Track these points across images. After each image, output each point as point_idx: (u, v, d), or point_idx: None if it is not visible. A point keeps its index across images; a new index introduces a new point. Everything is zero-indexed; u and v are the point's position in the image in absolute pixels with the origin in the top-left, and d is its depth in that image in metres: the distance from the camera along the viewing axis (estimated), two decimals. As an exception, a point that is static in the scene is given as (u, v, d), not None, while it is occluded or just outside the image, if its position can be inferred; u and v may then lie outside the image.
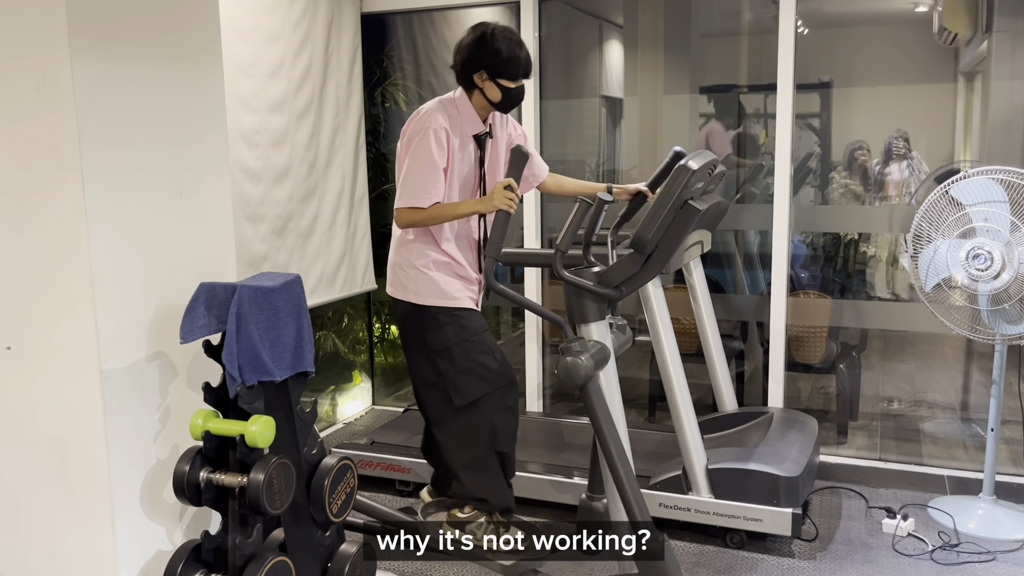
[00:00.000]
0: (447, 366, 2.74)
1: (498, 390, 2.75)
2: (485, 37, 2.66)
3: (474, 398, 2.74)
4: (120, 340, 2.09)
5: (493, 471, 2.80)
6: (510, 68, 2.65)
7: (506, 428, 2.78)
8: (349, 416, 4.60)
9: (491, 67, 2.65)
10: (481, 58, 2.66)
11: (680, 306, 3.81)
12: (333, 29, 4.09)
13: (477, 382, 2.73)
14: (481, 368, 2.72)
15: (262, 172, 3.64)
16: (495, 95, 2.70)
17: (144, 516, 2.19)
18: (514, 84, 2.69)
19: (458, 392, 2.74)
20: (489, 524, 2.83)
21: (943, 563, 2.97)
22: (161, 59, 2.19)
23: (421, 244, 2.76)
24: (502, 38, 2.65)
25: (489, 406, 2.75)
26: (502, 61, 2.64)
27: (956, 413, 4.25)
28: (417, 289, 2.75)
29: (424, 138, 2.62)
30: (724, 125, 4.39)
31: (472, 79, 2.70)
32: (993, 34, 3.99)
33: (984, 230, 3.03)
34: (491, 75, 2.67)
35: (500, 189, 2.53)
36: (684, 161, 2.46)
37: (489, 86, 2.69)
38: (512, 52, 2.65)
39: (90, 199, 2.00)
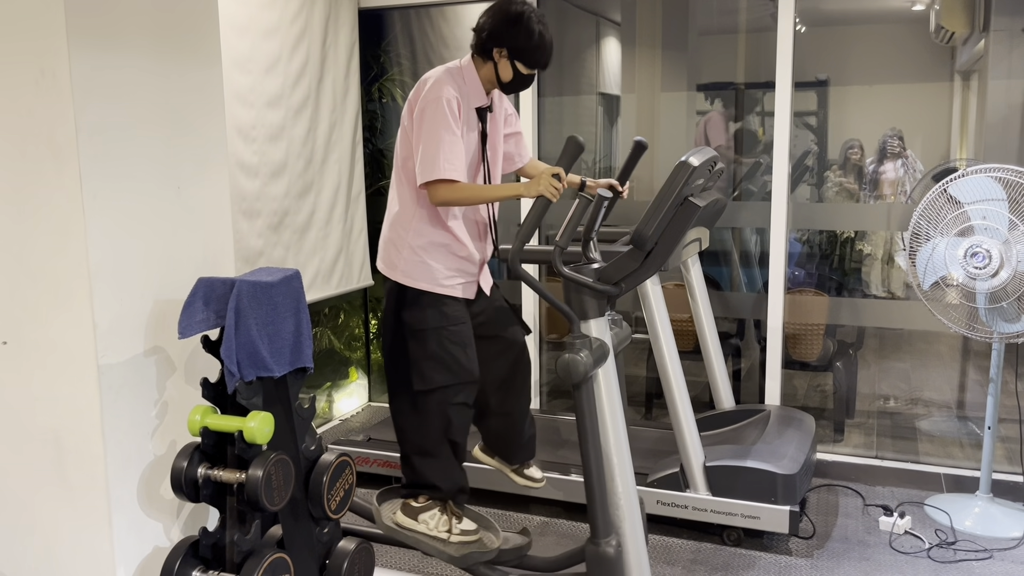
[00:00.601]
0: (417, 348, 2.68)
1: (460, 384, 2.70)
2: (522, 16, 2.56)
3: (434, 386, 2.68)
4: (117, 335, 2.07)
5: (445, 455, 2.77)
6: (534, 55, 2.59)
7: (460, 421, 2.76)
8: (345, 413, 4.59)
9: (516, 48, 2.58)
10: (510, 35, 2.57)
11: (677, 304, 3.81)
12: (330, 24, 4.07)
13: (442, 371, 2.67)
14: (450, 359, 2.67)
15: (258, 167, 3.62)
16: (507, 75, 2.63)
17: (141, 512, 2.17)
18: (528, 71, 2.63)
19: (420, 376, 2.68)
20: (443, 514, 2.81)
21: (940, 561, 2.98)
22: (159, 52, 2.17)
23: (422, 223, 2.66)
24: (537, 22, 2.58)
25: (447, 398, 2.71)
26: (531, 46, 2.57)
27: (952, 411, 4.26)
28: (407, 270, 2.67)
29: (438, 107, 2.53)
30: (724, 115, 4.38)
31: (491, 51, 2.61)
32: (990, 33, 4.00)
33: (982, 228, 3.03)
34: (512, 55, 2.59)
35: (548, 176, 2.44)
36: (685, 157, 2.45)
37: (504, 64, 2.61)
38: (542, 40, 2.58)
39: (87, 192, 1.98)
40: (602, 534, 2.48)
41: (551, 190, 2.44)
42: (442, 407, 2.71)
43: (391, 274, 2.72)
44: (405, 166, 2.66)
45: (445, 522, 2.78)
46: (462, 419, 2.76)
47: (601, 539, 2.48)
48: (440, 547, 2.73)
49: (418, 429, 2.76)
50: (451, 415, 2.73)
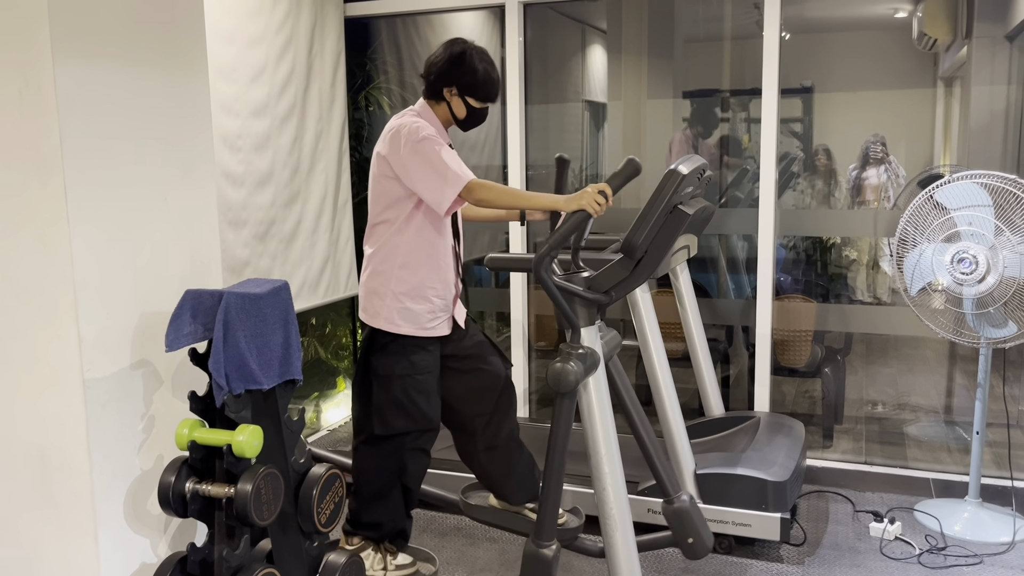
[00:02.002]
0: (381, 393, 2.76)
1: (419, 431, 2.78)
2: (464, 55, 2.71)
3: (394, 432, 2.76)
4: (103, 348, 2.04)
5: (394, 499, 2.86)
6: (482, 89, 2.72)
7: (415, 467, 2.85)
8: (333, 423, 4.56)
9: (464, 85, 2.71)
10: (456, 74, 2.70)
11: (666, 311, 3.81)
12: (316, 33, 4.06)
13: (402, 418, 2.74)
14: (412, 406, 2.74)
15: (244, 177, 3.60)
16: (461, 111, 2.75)
17: (128, 528, 2.14)
18: (480, 105, 2.76)
19: (382, 421, 2.76)
20: (376, 552, 2.88)
21: (930, 567, 2.98)
22: (145, 62, 2.15)
23: (404, 270, 2.72)
24: (480, 59, 2.71)
25: (405, 443, 2.79)
26: (478, 81, 2.70)
27: (940, 416, 4.28)
28: (390, 317, 2.73)
29: (425, 140, 2.59)
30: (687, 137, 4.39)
31: (442, 91, 2.74)
32: (973, 40, 4.04)
33: (969, 234, 3.05)
34: (461, 92, 2.72)
35: (594, 191, 2.44)
36: (674, 165, 2.45)
37: (457, 102, 2.74)
38: (487, 74, 2.71)
39: (72, 204, 1.95)
40: (545, 537, 2.49)
41: (594, 206, 2.44)
42: (399, 452, 2.80)
43: (374, 322, 2.78)
44: (383, 214, 2.73)
45: (380, 560, 2.88)
46: (417, 465, 2.86)
47: (543, 541, 2.49)
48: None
49: (374, 470, 2.83)
50: (407, 460, 2.82)
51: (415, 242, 2.71)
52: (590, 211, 2.44)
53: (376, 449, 2.81)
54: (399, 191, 2.67)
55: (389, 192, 2.70)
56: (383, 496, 2.84)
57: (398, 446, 2.79)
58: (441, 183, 2.56)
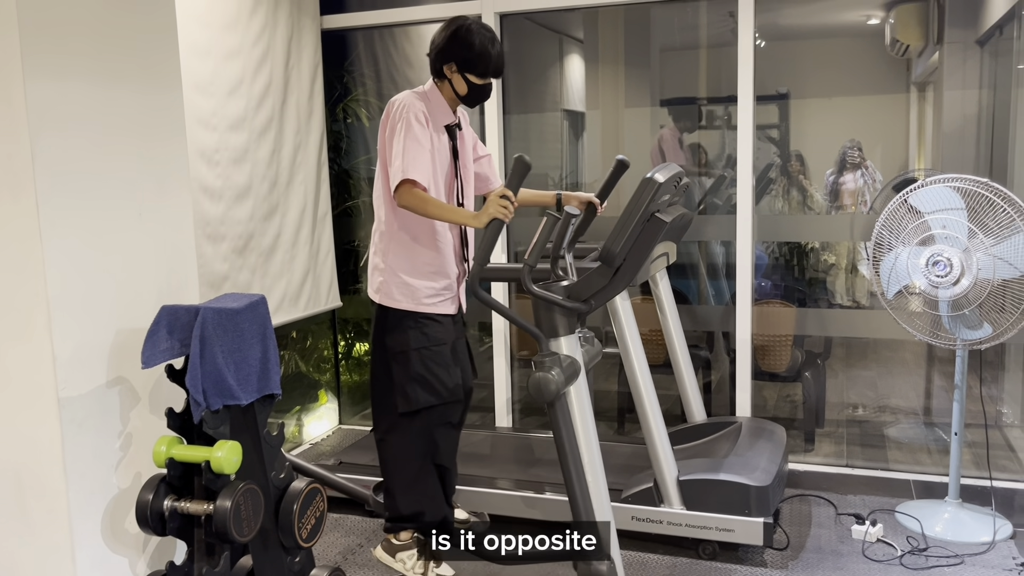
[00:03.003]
0: (400, 371, 2.74)
1: (444, 405, 2.76)
2: (460, 30, 2.70)
3: (418, 407, 2.73)
4: (78, 366, 2.02)
5: (430, 484, 2.80)
6: (480, 63, 2.69)
7: (447, 444, 2.81)
8: (316, 436, 4.53)
9: (462, 60, 2.70)
10: (453, 50, 2.69)
11: (647, 318, 3.82)
12: (293, 45, 4.05)
13: (425, 392, 2.73)
14: (433, 379, 2.73)
15: (222, 191, 3.58)
16: (462, 88, 2.74)
17: (106, 547, 2.12)
18: (481, 81, 2.74)
19: (404, 398, 2.73)
20: (420, 557, 2.82)
21: (912, 568, 3.00)
22: (117, 76, 2.14)
23: (403, 245, 2.74)
24: (476, 33, 2.69)
25: (432, 419, 2.75)
26: (474, 55, 2.68)
27: (919, 418, 4.31)
28: (389, 292, 2.75)
29: (407, 122, 2.63)
30: (674, 132, 4.42)
31: (442, 69, 2.74)
32: (944, 45, 4.09)
33: (943, 237, 3.08)
34: (460, 68, 2.71)
35: (495, 198, 2.50)
36: (651, 174, 2.46)
37: (457, 79, 2.73)
38: (484, 48, 2.69)
39: (45, 220, 1.94)
40: (596, 555, 2.45)
41: (501, 211, 2.50)
42: (428, 430, 2.75)
43: (376, 297, 2.79)
44: (385, 191, 2.74)
45: (422, 565, 2.79)
46: (448, 441, 2.81)
47: (593, 560, 2.45)
48: None
49: (403, 455, 2.78)
50: (437, 437, 2.77)
51: (414, 223, 2.73)
52: (500, 218, 2.48)
53: (403, 433, 2.75)
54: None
55: (386, 166, 2.72)
56: (419, 481, 2.77)
57: (426, 424, 2.74)
58: (396, 164, 2.61)
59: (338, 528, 3.51)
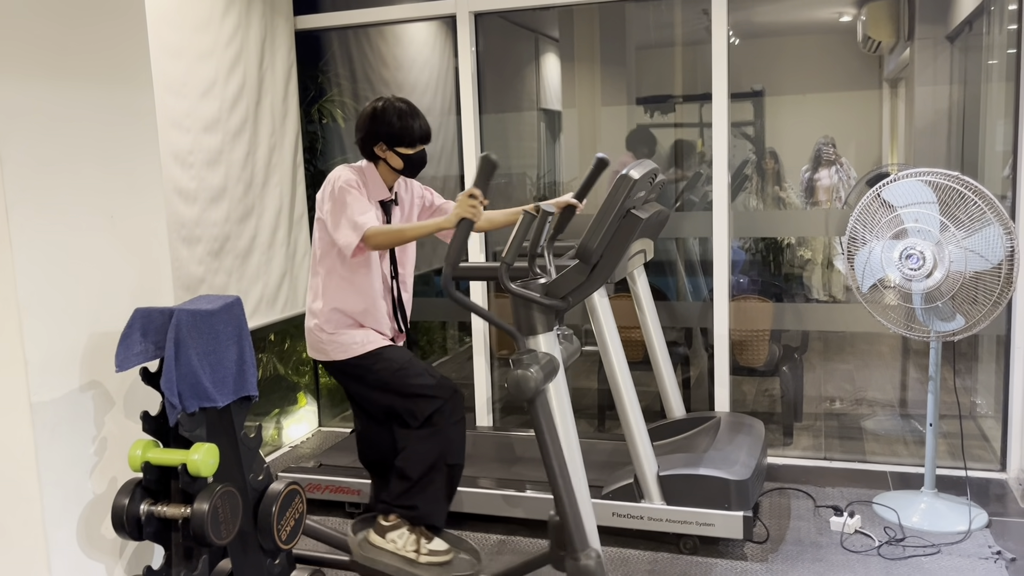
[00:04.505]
0: (393, 398, 2.86)
1: (446, 404, 2.85)
2: (376, 112, 2.79)
3: (427, 415, 2.83)
4: (50, 371, 2.00)
5: (438, 485, 2.87)
6: (406, 135, 2.78)
7: (459, 440, 2.89)
8: (295, 439, 4.50)
9: (387, 137, 2.78)
10: (377, 131, 2.78)
11: (625, 315, 3.83)
12: (267, 46, 4.03)
13: (424, 401, 2.83)
14: (422, 388, 2.83)
15: (197, 193, 3.55)
16: (397, 163, 2.83)
17: (81, 554, 2.09)
18: (413, 150, 2.82)
19: (411, 415, 2.84)
20: (411, 534, 2.88)
21: (890, 558, 3.03)
22: (87, 78, 2.11)
23: (337, 305, 2.84)
24: (393, 110, 2.78)
25: (442, 421, 2.84)
26: (396, 131, 2.77)
27: (895, 410, 4.36)
28: (339, 346, 2.85)
29: (344, 191, 2.72)
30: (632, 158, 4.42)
31: (373, 151, 2.83)
32: (915, 41, 4.14)
33: (915, 231, 3.11)
34: (389, 144, 2.79)
35: (464, 198, 2.54)
36: (625, 171, 2.47)
37: (390, 155, 2.82)
38: (404, 122, 2.77)
39: (14, 224, 1.91)
40: (580, 547, 2.46)
41: (470, 211, 2.53)
42: (440, 430, 2.85)
43: (325, 357, 2.90)
44: (322, 259, 2.86)
45: (414, 542, 2.85)
46: (459, 434, 2.90)
47: (580, 552, 2.46)
48: (408, 568, 2.75)
49: (422, 459, 2.86)
50: (451, 435, 2.86)
51: (344, 286, 2.83)
52: (469, 217, 2.52)
53: (420, 437, 2.84)
54: (328, 235, 2.79)
55: (323, 238, 2.83)
56: (430, 482, 2.85)
57: (437, 424, 2.83)
58: (344, 228, 2.69)
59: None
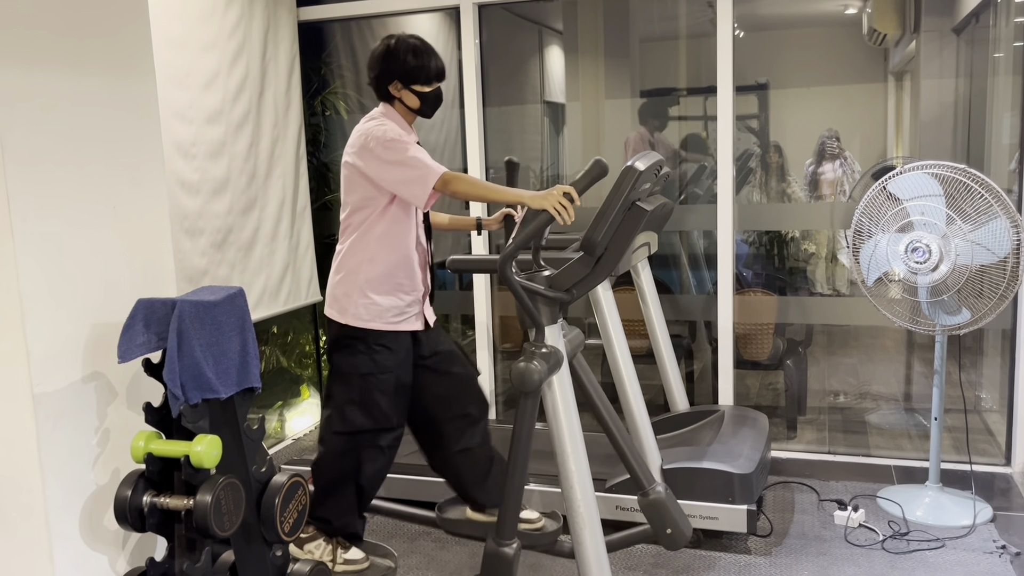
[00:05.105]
0: (343, 391, 2.75)
1: (377, 429, 2.75)
2: (389, 48, 2.68)
3: (352, 429, 2.74)
4: (53, 361, 1.99)
5: (347, 497, 2.81)
6: (422, 72, 2.67)
7: (371, 465, 2.79)
8: (298, 431, 4.50)
9: (403, 75, 2.67)
10: (391, 69, 2.67)
11: (629, 308, 3.82)
12: (270, 37, 4.01)
13: (362, 416, 2.73)
14: (373, 406, 2.73)
15: (200, 184, 3.54)
16: (413, 102, 2.72)
17: (84, 545, 2.09)
18: (429, 88, 2.71)
19: (341, 418, 2.75)
20: (327, 543, 2.84)
21: (894, 552, 3.03)
22: (90, 69, 2.10)
23: (372, 264, 2.71)
24: (406, 46, 2.67)
25: (363, 441, 2.76)
26: (412, 69, 2.66)
27: (900, 404, 4.34)
28: (358, 312, 2.71)
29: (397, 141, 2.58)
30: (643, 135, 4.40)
31: (388, 91, 2.71)
32: (921, 34, 4.11)
33: (921, 224, 3.10)
34: (405, 83, 2.69)
35: (560, 192, 2.41)
36: (631, 162, 2.46)
37: (406, 94, 2.71)
38: (420, 59, 2.67)
39: (16, 215, 1.90)
40: (506, 536, 2.51)
41: (558, 207, 2.41)
42: (356, 450, 2.76)
43: (342, 318, 2.75)
44: (354, 211, 2.71)
45: (329, 552, 2.84)
46: (374, 465, 2.80)
47: (504, 540, 2.51)
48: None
49: (331, 465, 2.80)
50: (363, 458, 2.77)
51: (382, 239, 2.70)
52: (552, 213, 2.42)
53: (335, 445, 2.77)
54: (369, 191, 2.65)
55: (359, 193, 2.68)
56: (334, 492, 2.79)
57: (356, 444, 2.75)
58: (417, 179, 2.55)
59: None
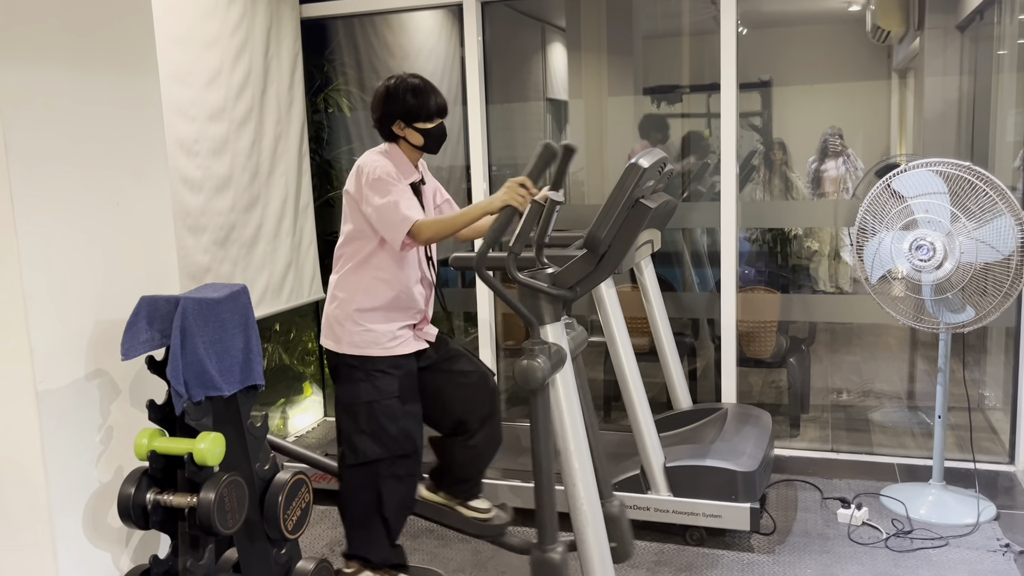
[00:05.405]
0: (349, 423, 2.74)
1: (392, 458, 2.73)
2: (390, 89, 2.72)
3: (366, 460, 2.72)
4: (56, 359, 1.99)
5: (376, 531, 2.79)
6: (422, 111, 2.70)
7: (391, 496, 2.76)
8: (301, 429, 4.50)
9: (404, 114, 2.70)
10: (393, 109, 2.71)
11: (632, 306, 3.82)
12: (272, 35, 4.01)
13: (372, 445, 2.71)
14: (382, 433, 2.71)
15: (202, 181, 3.54)
16: (417, 139, 2.75)
17: (87, 542, 2.09)
18: (431, 124, 2.74)
19: (352, 450, 2.73)
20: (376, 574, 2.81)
21: (897, 550, 3.02)
22: (93, 67, 2.10)
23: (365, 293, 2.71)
24: (406, 86, 2.71)
25: (379, 471, 2.73)
26: (413, 106, 2.69)
27: (903, 402, 4.34)
28: (354, 340, 2.71)
29: (380, 179, 2.63)
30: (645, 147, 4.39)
31: (392, 132, 2.75)
32: (925, 31, 4.10)
33: (926, 221, 3.09)
34: (407, 122, 2.72)
35: (515, 184, 2.45)
36: (635, 159, 2.45)
37: (409, 132, 2.73)
38: (420, 98, 2.70)
39: (19, 213, 1.90)
40: (548, 540, 2.46)
41: (517, 199, 2.45)
42: (373, 481, 2.74)
43: (338, 347, 2.76)
44: (349, 240, 2.75)
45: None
46: (395, 495, 2.76)
47: (547, 545, 2.46)
48: None
49: (352, 500, 2.79)
50: (382, 489, 2.74)
51: (379, 268, 2.72)
52: (515, 205, 2.44)
53: (351, 479, 2.76)
54: (363, 221, 2.69)
55: (355, 223, 2.72)
56: (362, 528, 2.77)
57: (372, 475, 2.72)
58: (391, 225, 2.60)
59: (324, 520, 3.50)
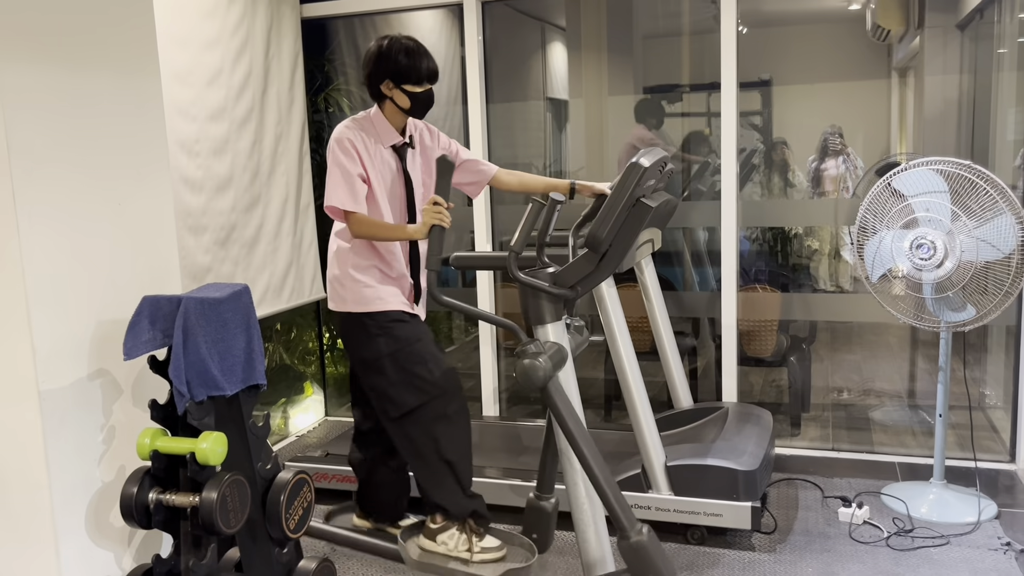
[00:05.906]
0: (380, 379, 2.76)
1: (433, 400, 2.75)
2: (383, 48, 2.73)
3: (408, 408, 2.74)
4: (59, 358, 2.00)
5: (443, 477, 2.80)
6: (412, 72, 2.73)
7: (446, 437, 2.77)
8: (302, 428, 4.51)
9: (394, 74, 2.73)
10: (384, 68, 2.73)
11: (633, 305, 3.82)
12: (273, 34, 4.01)
13: (411, 393, 2.73)
14: (414, 378, 2.73)
15: (203, 182, 3.54)
16: (404, 101, 2.77)
17: (90, 542, 2.09)
18: (420, 88, 2.76)
19: (392, 404, 2.75)
20: (461, 533, 2.82)
21: (899, 549, 3.02)
22: (94, 67, 2.10)
23: (356, 254, 2.79)
24: (399, 46, 2.72)
25: (426, 416, 2.75)
26: (403, 68, 2.72)
27: (904, 401, 4.34)
28: (356, 299, 2.77)
29: (334, 149, 2.72)
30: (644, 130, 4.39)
31: (380, 90, 2.77)
32: (925, 30, 4.10)
33: (926, 220, 3.09)
34: (396, 82, 2.74)
35: (428, 208, 2.57)
36: (636, 159, 2.45)
37: (396, 93, 2.76)
38: (412, 59, 2.73)
39: (22, 213, 1.90)
40: (628, 527, 2.35)
41: (436, 218, 2.56)
42: (425, 426, 2.76)
43: (343, 307, 2.81)
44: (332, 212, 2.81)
45: (464, 541, 2.81)
46: (450, 434, 2.78)
47: (629, 531, 2.36)
48: (464, 568, 2.76)
49: (410, 451, 2.81)
50: (437, 433, 2.76)
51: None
52: (440, 224, 2.54)
53: (400, 432, 2.78)
54: None
55: None
56: (431, 477, 2.78)
57: (419, 420, 2.74)
58: (332, 195, 2.69)
59: (326, 520, 3.49)
